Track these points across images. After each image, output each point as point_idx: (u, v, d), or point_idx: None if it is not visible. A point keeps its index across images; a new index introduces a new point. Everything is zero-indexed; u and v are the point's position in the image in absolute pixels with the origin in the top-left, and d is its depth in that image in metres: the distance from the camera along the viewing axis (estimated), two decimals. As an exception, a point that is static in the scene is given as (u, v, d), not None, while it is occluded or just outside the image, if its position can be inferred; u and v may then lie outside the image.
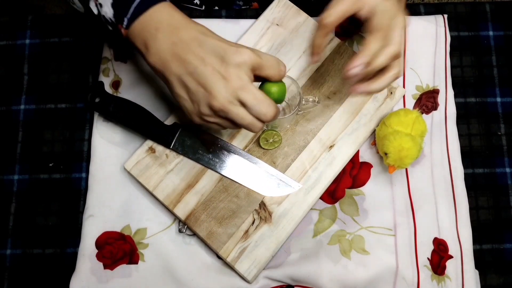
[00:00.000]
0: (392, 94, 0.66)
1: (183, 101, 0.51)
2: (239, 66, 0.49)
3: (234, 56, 0.49)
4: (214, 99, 0.48)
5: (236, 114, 0.49)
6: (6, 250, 0.63)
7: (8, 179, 0.66)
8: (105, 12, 0.54)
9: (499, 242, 0.63)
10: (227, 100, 0.48)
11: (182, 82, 0.50)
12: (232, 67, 0.48)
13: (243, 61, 0.49)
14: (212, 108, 0.49)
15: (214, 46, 0.50)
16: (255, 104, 0.49)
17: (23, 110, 0.68)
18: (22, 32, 0.71)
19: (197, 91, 0.49)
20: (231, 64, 0.48)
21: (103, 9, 0.54)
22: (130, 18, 0.52)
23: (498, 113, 0.68)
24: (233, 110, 0.49)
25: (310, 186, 0.62)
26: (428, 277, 0.60)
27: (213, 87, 0.48)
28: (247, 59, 0.49)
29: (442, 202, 0.63)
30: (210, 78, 0.48)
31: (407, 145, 0.58)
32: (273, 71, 0.51)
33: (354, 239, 0.62)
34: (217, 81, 0.48)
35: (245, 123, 0.50)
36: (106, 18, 0.54)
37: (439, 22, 0.70)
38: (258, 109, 0.49)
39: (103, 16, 0.54)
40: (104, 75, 0.68)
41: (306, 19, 0.68)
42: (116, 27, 0.54)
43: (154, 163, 0.62)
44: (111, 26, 0.55)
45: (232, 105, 0.49)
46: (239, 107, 0.49)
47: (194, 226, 0.60)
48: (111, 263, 0.61)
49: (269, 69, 0.51)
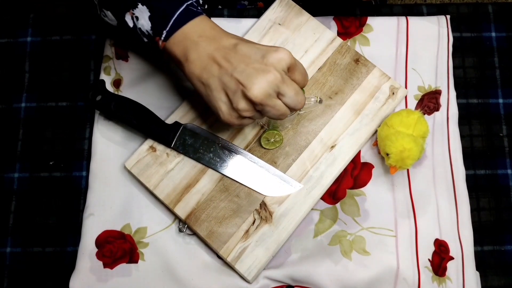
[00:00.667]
0: (394, 95, 0.65)
1: (220, 103, 0.52)
2: (278, 62, 0.51)
3: (274, 53, 0.51)
4: (253, 92, 0.50)
5: (273, 107, 0.51)
6: (6, 248, 0.63)
7: (9, 177, 0.66)
8: (141, 25, 0.54)
9: (500, 244, 0.63)
10: (266, 93, 0.50)
11: (222, 83, 0.51)
12: (272, 64, 0.51)
13: (282, 58, 0.51)
14: (251, 101, 0.51)
15: (255, 48, 0.52)
16: (293, 95, 0.52)
17: (24, 108, 0.68)
18: (23, 30, 0.71)
19: (236, 87, 0.51)
20: (271, 61, 0.51)
21: (139, 22, 0.54)
22: (169, 31, 0.53)
23: (500, 114, 0.68)
24: (270, 103, 0.51)
25: (311, 186, 0.62)
26: (428, 278, 0.60)
27: (253, 81, 0.50)
28: (286, 57, 0.51)
29: (443, 203, 0.63)
30: (251, 74, 0.50)
31: (409, 146, 0.57)
32: (302, 77, 0.54)
33: (355, 240, 0.61)
34: (257, 76, 0.50)
35: (278, 114, 0.53)
36: (143, 30, 0.55)
37: (441, 23, 0.70)
38: (296, 100, 0.52)
39: (139, 29, 0.55)
40: (106, 74, 0.67)
41: (308, 19, 0.68)
42: (153, 40, 0.54)
43: (155, 162, 0.62)
44: (147, 39, 0.55)
45: (270, 98, 0.51)
46: (276, 100, 0.51)
47: (194, 226, 0.60)
48: (111, 262, 0.61)
49: (299, 74, 0.53)
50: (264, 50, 0.52)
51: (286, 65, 0.51)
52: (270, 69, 0.50)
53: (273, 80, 0.50)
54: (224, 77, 0.51)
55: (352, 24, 0.69)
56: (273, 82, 0.50)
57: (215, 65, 0.51)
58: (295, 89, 0.52)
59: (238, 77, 0.50)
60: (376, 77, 0.66)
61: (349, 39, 0.69)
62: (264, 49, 0.52)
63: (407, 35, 0.69)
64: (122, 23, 0.56)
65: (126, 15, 0.55)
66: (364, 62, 0.66)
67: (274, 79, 0.50)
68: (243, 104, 0.51)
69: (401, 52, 0.69)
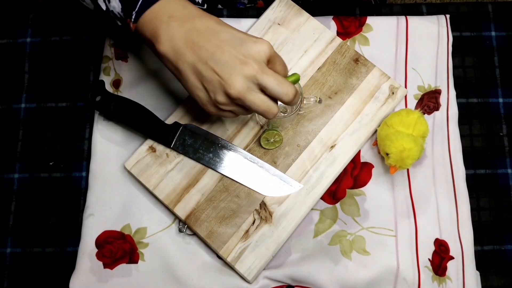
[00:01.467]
0: (394, 94, 0.65)
1: (197, 91, 0.50)
2: (258, 54, 0.48)
3: (252, 44, 0.48)
4: (231, 87, 0.47)
5: (252, 102, 0.49)
6: (6, 248, 0.63)
7: (9, 178, 0.66)
8: (113, 7, 0.53)
9: (500, 243, 0.63)
10: (245, 87, 0.48)
11: (196, 70, 0.49)
12: (250, 55, 0.48)
13: (261, 50, 0.48)
14: (229, 96, 0.48)
15: (231, 34, 0.49)
16: (276, 85, 0.48)
17: (24, 108, 0.68)
18: (23, 30, 0.71)
19: (213, 79, 0.48)
20: (249, 52, 0.48)
21: (111, 4, 0.53)
22: (138, 11, 0.50)
23: (500, 114, 0.68)
24: (249, 98, 0.48)
25: (311, 186, 0.62)
26: (429, 278, 0.60)
27: (230, 74, 0.47)
28: (265, 48, 0.48)
29: (443, 203, 0.63)
30: (227, 64, 0.47)
31: (409, 146, 0.57)
32: (283, 68, 0.51)
33: (355, 240, 0.61)
34: (234, 68, 0.47)
35: (261, 110, 0.50)
36: (115, 13, 0.53)
37: (441, 22, 0.70)
38: (279, 90, 0.49)
39: (111, 12, 0.53)
40: (105, 74, 0.67)
41: (307, 19, 0.68)
42: (125, 22, 0.53)
43: (155, 162, 0.62)
44: (120, 21, 0.54)
45: (249, 92, 0.48)
46: (256, 94, 0.49)
47: (194, 226, 0.60)
48: (111, 262, 0.61)
49: (280, 65, 0.51)
50: (242, 38, 0.49)
51: (265, 56, 0.49)
52: (248, 61, 0.47)
53: (251, 72, 0.47)
54: (198, 64, 0.48)
55: (351, 24, 0.69)
56: (251, 74, 0.47)
57: (188, 50, 0.48)
58: (278, 79, 0.49)
59: (214, 67, 0.48)
60: (375, 77, 0.66)
61: (349, 39, 0.69)
62: (243, 37, 0.49)
63: (407, 34, 0.69)
64: (97, 7, 0.55)
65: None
66: (363, 62, 0.66)
67: (252, 72, 0.47)
68: (221, 97, 0.49)
69: (401, 51, 0.69)
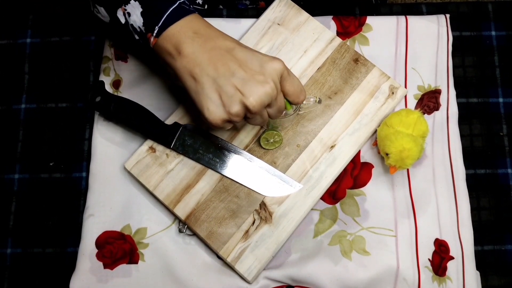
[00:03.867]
0: (394, 94, 0.65)
1: (209, 103, 0.52)
2: (275, 72, 0.52)
3: (270, 63, 0.52)
4: (253, 103, 0.51)
5: (261, 116, 0.54)
6: (7, 249, 0.63)
7: (9, 178, 0.66)
8: (133, 21, 0.54)
9: (500, 243, 0.63)
10: (264, 104, 0.52)
11: (217, 84, 0.51)
12: (270, 74, 0.52)
13: (278, 68, 0.52)
14: (247, 109, 0.52)
15: (251, 54, 0.52)
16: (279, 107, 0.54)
17: (24, 109, 0.68)
18: (23, 31, 0.71)
19: (234, 94, 0.51)
20: (268, 70, 0.52)
21: (131, 18, 0.54)
22: (161, 26, 0.52)
23: (500, 113, 0.68)
24: (261, 113, 0.53)
25: (311, 186, 0.62)
26: (429, 278, 0.60)
27: (254, 91, 0.51)
28: (281, 66, 0.52)
29: (443, 203, 0.63)
30: (251, 83, 0.51)
31: (409, 146, 0.57)
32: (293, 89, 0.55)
33: (354, 240, 0.61)
34: (258, 86, 0.51)
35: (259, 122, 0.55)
36: (135, 27, 0.54)
37: (441, 22, 0.70)
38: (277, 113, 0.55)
39: (131, 25, 0.55)
40: (105, 75, 0.67)
41: (307, 19, 0.68)
42: (144, 36, 0.54)
43: (155, 163, 0.62)
44: (138, 35, 0.55)
45: (263, 108, 0.53)
46: (265, 109, 0.54)
47: (194, 226, 0.60)
48: (111, 262, 0.61)
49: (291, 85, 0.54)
50: (260, 58, 0.52)
51: (280, 75, 0.53)
52: (269, 81, 0.51)
53: (271, 92, 0.51)
54: (220, 79, 0.51)
55: (351, 24, 0.69)
56: (271, 94, 0.51)
57: (211, 65, 0.51)
58: (282, 102, 0.55)
59: (237, 84, 0.51)
60: (375, 77, 0.66)
61: (349, 38, 0.69)
62: (261, 57, 0.53)
63: (407, 34, 0.69)
64: (114, 20, 0.56)
65: (118, 11, 0.55)
66: (363, 62, 0.66)
67: (272, 91, 0.51)
68: (237, 108, 0.51)
69: (401, 51, 0.68)
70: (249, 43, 0.67)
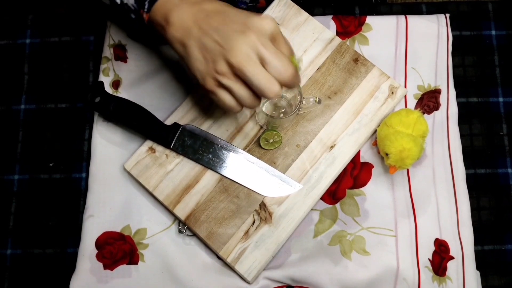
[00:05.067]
0: (394, 94, 0.65)
1: (198, 63, 0.51)
2: (261, 27, 0.49)
3: (257, 19, 0.49)
4: (233, 54, 0.48)
5: (252, 72, 0.48)
6: (7, 250, 0.63)
7: (8, 179, 0.66)
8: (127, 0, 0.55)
9: (500, 243, 0.63)
10: (246, 55, 0.48)
11: (201, 43, 0.50)
12: (254, 28, 0.49)
13: (266, 25, 0.49)
14: (230, 64, 0.49)
15: (238, 12, 0.51)
16: (274, 59, 0.48)
17: (23, 109, 0.68)
18: (22, 31, 0.71)
19: (215, 48, 0.49)
20: (253, 26, 0.49)
21: None
22: (151, 0, 0.53)
23: (500, 113, 0.68)
24: (250, 68, 0.48)
25: (311, 187, 0.62)
26: (429, 278, 0.60)
27: (233, 42, 0.48)
28: (269, 23, 0.49)
29: (443, 203, 0.63)
30: (231, 35, 0.48)
31: (408, 146, 0.57)
32: (287, 48, 0.52)
33: (354, 240, 0.61)
34: (237, 37, 0.48)
35: (261, 83, 0.49)
36: (129, 5, 0.55)
37: (441, 21, 0.69)
38: (277, 65, 0.49)
39: (125, 4, 0.56)
40: (104, 75, 0.67)
41: (307, 18, 0.68)
42: (138, 14, 0.55)
43: (154, 163, 0.62)
44: (133, 14, 0.56)
45: (250, 61, 0.48)
46: (256, 65, 0.49)
47: (194, 227, 0.60)
48: (111, 263, 0.61)
49: (284, 45, 0.51)
50: (248, 14, 0.50)
51: (269, 31, 0.49)
52: (249, 31, 0.48)
53: (253, 42, 0.48)
54: (203, 37, 0.50)
55: (351, 24, 0.69)
56: (253, 44, 0.48)
57: (196, 27, 0.50)
58: (278, 55, 0.49)
59: (217, 38, 0.49)
60: (375, 77, 0.66)
61: (348, 38, 0.69)
62: (248, 13, 0.51)
63: (407, 34, 0.69)
64: (112, 1, 0.57)
65: None
66: (363, 62, 0.66)
67: (254, 41, 0.48)
68: (222, 66, 0.49)
69: (401, 51, 0.68)
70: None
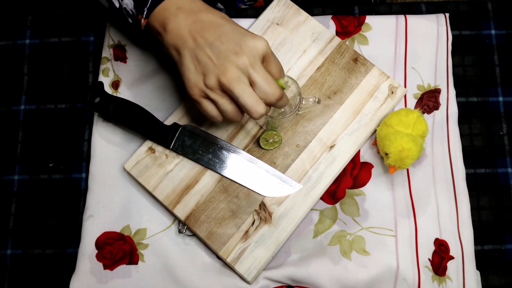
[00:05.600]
0: (393, 94, 0.65)
1: (188, 73, 0.52)
2: (254, 50, 0.51)
3: (251, 40, 0.51)
4: (224, 73, 0.50)
5: (241, 92, 0.50)
6: (7, 250, 0.63)
7: (8, 179, 0.66)
8: (126, 4, 0.56)
9: (500, 243, 0.63)
10: (236, 76, 0.50)
11: (195, 55, 0.51)
12: (247, 49, 0.50)
13: (258, 47, 0.51)
14: (219, 81, 0.50)
15: (233, 28, 0.52)
16: (262, 82, 0.51)
17: (23, 110, 0.68)
18: (22, 32, 0.71)
19: (208, 63, 0.51)
20: (246, 46, 0.51)
21: (123, 2, 0.56)
22: (150, 7, 0.54)
23: (500, 112, 0.68)
24: (238, 88, 0.50)
25: (311, 187, 0.62)
26: (429, 278, 0.60)
27: (225, 61, 0.50)
28: (263, 46, 0.51)
29: (443, 203, 0.63)
30: (224, 54, 0.50)
31: (408, 146, 0.57)
32: (277, 70, 0.54)
33: (354, 240, 0.61)
34: (229, 57, 0.50)
35: (247, 103, 0.51)
36: (127, 10, 0.56)
37: (440, 21, 0.69)
38: (266, 88, 0.51)
39: (124, 9, 0.56)
40: (104, 75, 0.67)
41: (306, 18, 0.68)
42: (136, 19, 0.55)
43: (154, 164, 0.62)
44: (131, 19, 0.56)
45: (239, 82, 0.50)
46: (245, 86, 0.51)
47: (194, 227, 0.60)
48: (111, 263, 0.61)
49: (275, 67, 0.53)
50: (242, 33, 0.52)
51: (261, 53, 0.51)
52: (243, 53, 0.50)
53: (244, 63, 0.50)
54: (197, 50, 0.51)
55: (350, 23, 0.69)
56: (244, 66, 0.50)
57: (191, 38, 0.51)
58: (267, 78, 0.51)
59: (211, 54, 0.51)
60: (375, 77, 0.66)
61: (348, 38, 0.69)
62: (243, 32, 0.52)
63: (406, 33, 0.69)
64: (111, 4, 0.58)
65: None
66: (363, 62, 0.66)
67: (244, 63, 0.50)
68: (212, 81, 0.51)
69: (400, 51, 0.68)
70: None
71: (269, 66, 0.53)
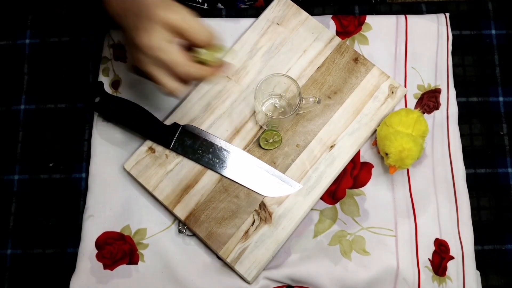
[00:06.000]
0: (393, 94, 0.65)
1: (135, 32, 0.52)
2: (164, 21, 0.50)
3: (162, 10, 0.50)
4: (141, 42, 0.50)
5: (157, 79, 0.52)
6: (7, 250, 0.63)
7: (8, 179, 0.66)
8: None
9: (500, 243, 0.63)
10: (156, 46, 0.50)
11: (124, 17, 0.53)
12: (156, 24, 0.50)
13: (170, 18, 0.50)
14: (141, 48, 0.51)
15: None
16: (171, 68, 0.51)
17: (23, 110, 0.68)
18: (22, 32, 0.71)
19: (133, 28, 0.52)
20: (155, 20, 0.50)
21: None
22: None
23: (500, 112, 0.68)
24: (169, 53, 0.50)
25: (311, 187, 0.62)
26: (429, 278, 0.60)
27: (140, 34, 0.51)
28: (173, 19, 0.50)
29: (443, 203, 0.63)
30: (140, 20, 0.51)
31: (408, 146, 0.57)
32: (199, 38, 0.51)
33: (354, 240, 0.61)
34: (144, 27, 0.51)
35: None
36: None
37: (441, 21, 0.69)
38: (175, 72, 0.51)
39: None
40: (104, 75, 0.67)
41: (306, 18, 0.68)
42: None
43: (154, 163, 0.62)
44: None
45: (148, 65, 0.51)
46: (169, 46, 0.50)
47: (194, 227, 0.60)
48: (111, 263, 0.61)
49: (195, 34, 0.51)
50: (162, 2, 0.51)
51: (169, 28, 0.50)
52: (151, 31, 0.50)
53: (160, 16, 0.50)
54: (127, 12, 0.52)
55: (351, 23, 0.69)
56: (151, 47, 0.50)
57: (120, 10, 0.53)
58: (172, 64, 0.51)
59: (133, 20, 0.51)
60: (375, 76, 0.66)
61: (348, 38, 0.69)
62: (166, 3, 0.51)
63: (406, 33, 0.69)
64: None
65: None
66: (363, 61, 0.66)
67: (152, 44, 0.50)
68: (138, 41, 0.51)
69: (400, 50, 0.68)
70: (248, 43, 0.66)
71: (184, 34, 0.51)
